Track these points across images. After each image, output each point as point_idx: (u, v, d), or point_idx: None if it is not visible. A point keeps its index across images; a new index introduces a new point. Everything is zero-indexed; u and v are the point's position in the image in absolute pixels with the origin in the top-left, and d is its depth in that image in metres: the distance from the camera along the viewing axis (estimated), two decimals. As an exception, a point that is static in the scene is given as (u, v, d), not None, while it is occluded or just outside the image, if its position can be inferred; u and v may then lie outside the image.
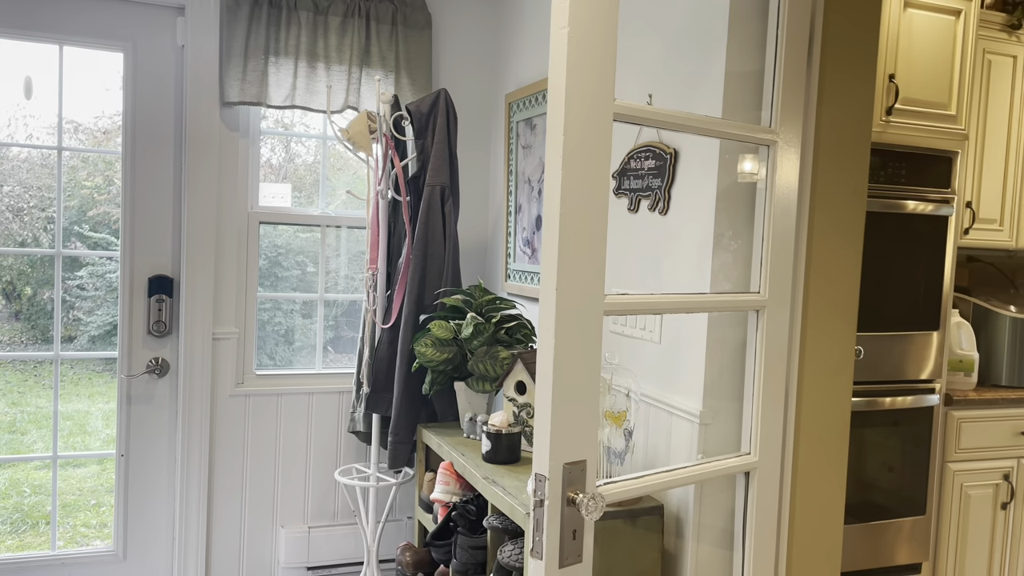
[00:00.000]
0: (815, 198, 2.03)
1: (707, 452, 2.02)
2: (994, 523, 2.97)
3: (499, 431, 2.33)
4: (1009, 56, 3.15)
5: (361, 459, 3.26)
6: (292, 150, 3.36)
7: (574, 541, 1.56)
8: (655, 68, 2.28)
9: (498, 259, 3.39)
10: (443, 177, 2.86)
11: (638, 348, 2.31)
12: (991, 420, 2.95)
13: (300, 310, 3.34)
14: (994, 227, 3.22)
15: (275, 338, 3.30)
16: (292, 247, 3.31)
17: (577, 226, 1.51)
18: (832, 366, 2.10)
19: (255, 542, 3.17)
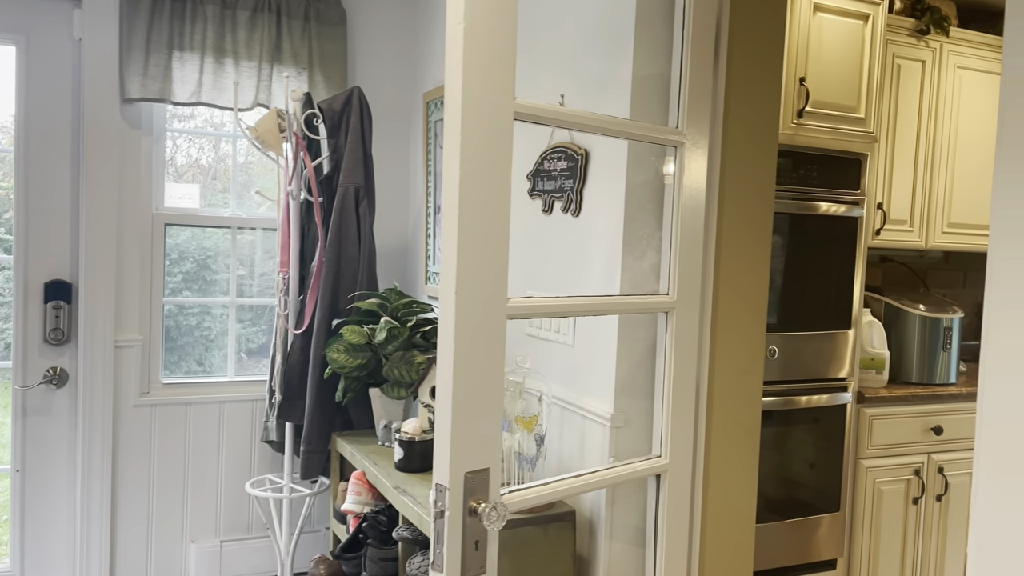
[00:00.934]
0: (723, 199, 2.03)
1: (619, 455, 2.00)
2: (906, 518, 3.04)
3: (412, 438, 2.27)
4: (918, 61, 3.23)
5: (276, 469, 3.16)
6: (201, 149, 3.23)
7: (477, 552, 1.51)
8: (569, 68, 2.26)
9: (418, 261, 3.32)
10: (357, 177, 2.79)
11: (552, 351, 2.28)
12: (902, 417, 3.02)
13: (219, 315, 3.21)
14: (904, 228, 3.30)
15: (188, 345, 3.17)
16: (221, 250, 3.18)
17: (477, 228, 1.46)
18: (743, 366, 2.10)
19: (163, 558, 3.03)
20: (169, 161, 3.09)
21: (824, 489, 2.89)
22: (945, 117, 3.29)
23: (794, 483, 2.85)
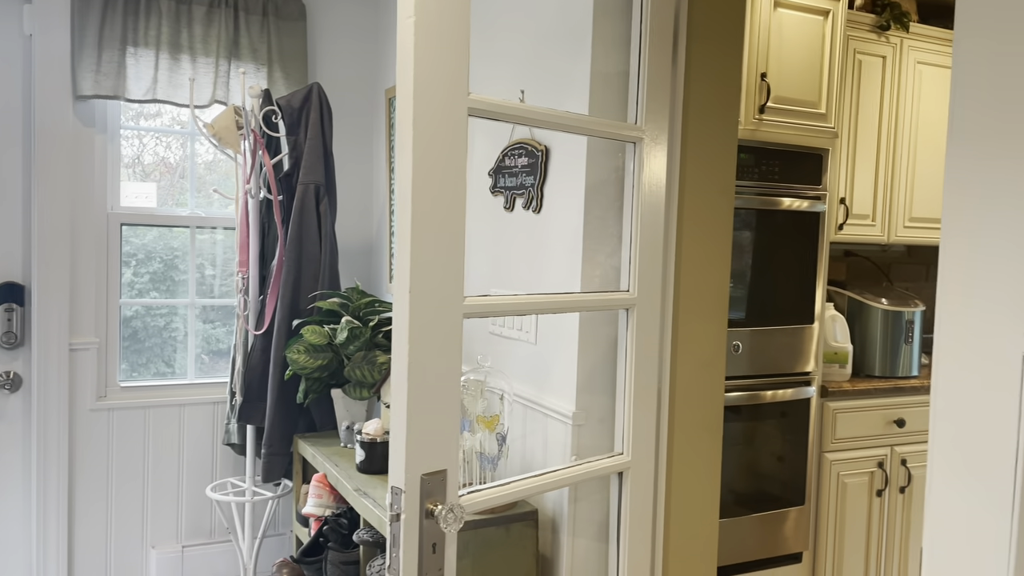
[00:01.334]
0: (683, 195, 2.02)
1: (581, 453, 1.99)
2: (870, 510, 3.07)
3: (374, 440, 2.24)
4: (879, 56, 3.26)
5: (238, 472, 3.11)
6: (159, 147, 3.16)
7: (434, 555, 1.49)
8: (530, 64, 2.24)
9: (382, 260, 3.29)
10: (317, 175, 2.75)
11: (515, 349, 2.26)
12: (865, 410, 3.04)
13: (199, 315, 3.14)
14: (867, 222, 3.32)
15: (157, 347, 3.10)
16: (189, 250, 3.11)
17: (432, 226, 1.44)
18: (704, 361, 2.10)
19: (123, 565, 2.97)
20: (135, 160, 3.02)
21: (789, 483, 2.91)
22: (906, 112, 3.32)
23: (760, 477, 2.86)
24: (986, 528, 1.19)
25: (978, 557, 1.20)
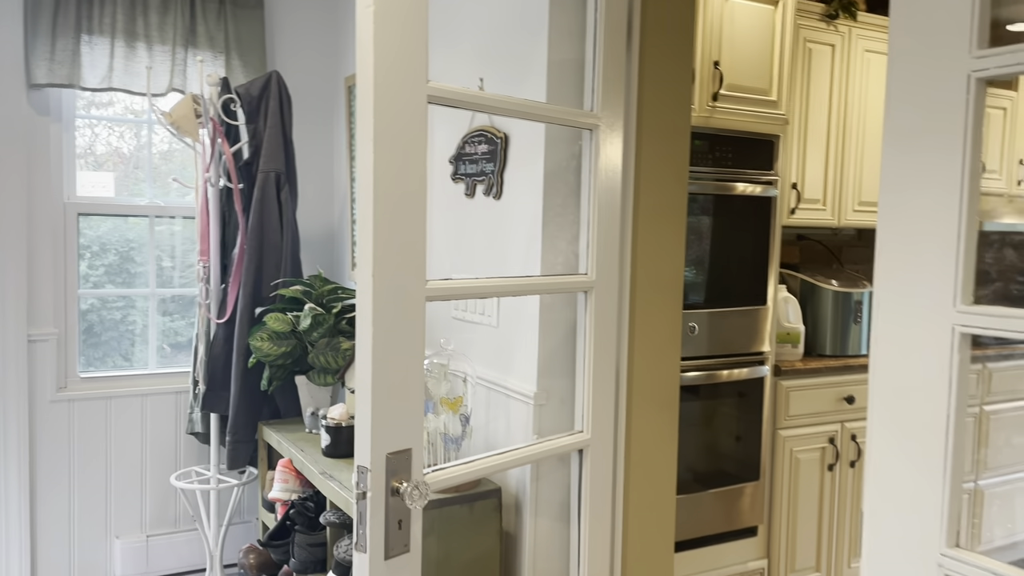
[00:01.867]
0: (639, 180, 2.08)
1: (542, 432, 2.05)
2: (822, 484, 3.18)
3: (339, 424, 2.27)
4: (828, 45, 3.35)
5: (203, 461, 3.11)
6: (119, 136, 3.13)
7: (400, 531, 1.53)
8: (489, 52, 2.27)
9: (344, 248, 3.30)
10: (278, 163, 2.75)
11: (477, 333, 2.30)
12: (817, 388, 3.15)
13: (157, 307, 3.12)
14: (818, 207, 3.43)
15: (114, 340, 3.08)
16: (145, 241, 3.08)
17: (393, 211, 1.47)
18: (660, 342, 2.17)
19: (87, 556, 2.96)
20: (88, 150, 2.99)
21: (745, 459, 3.00)
22: (855, 99, 3.42)
23: (716, 454, 2.95)
24: (920, 489, 1.27)
25: (913, 517, 1.28)
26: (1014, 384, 3.69)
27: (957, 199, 1.22)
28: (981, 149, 1.23)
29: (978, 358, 3.59)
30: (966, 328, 1.21)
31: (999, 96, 4.06)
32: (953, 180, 1.22)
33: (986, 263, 4.25)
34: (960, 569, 1.23)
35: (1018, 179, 4.21)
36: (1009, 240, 4.45)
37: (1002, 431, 3.69)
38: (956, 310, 1.22)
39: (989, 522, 3.86)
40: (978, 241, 1.22)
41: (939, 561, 1.25)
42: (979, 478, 3.66)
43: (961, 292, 1.22)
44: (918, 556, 1.28)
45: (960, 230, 1.22)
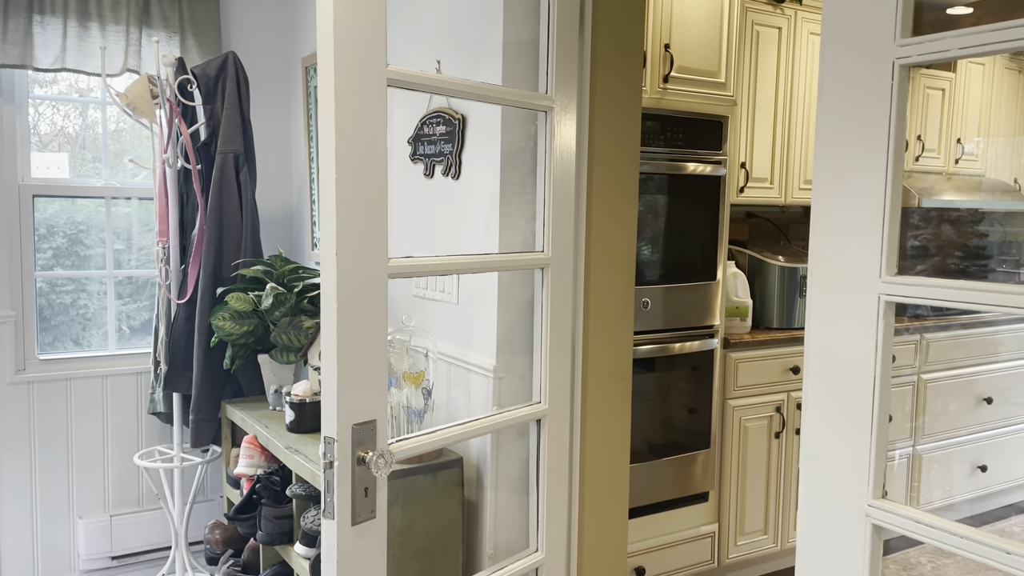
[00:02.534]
0: (592, 160, 2.16)
1: (502, 403, 2.12)
2: (769, 451, 3.32)
3: (303, 400, 2.32)
4: (775, 28, 3.46)
5: (165, 441, 3.13)
6: (67, 117, 3.10)
7: (367, 498, 1.59)
8: (446, 34, 2.32)
9: (304, 228, 3.33)
10: (236, 144, 2.77)
11: (438, 310, 2.37)
12: (764, 359, 3.28)
13: (103, 290, 3.11)
14: (766, 185, 3.55)
15: (64, 324, 3.06)
16: (94, 223, 3.06)
17: (355, 192, 1.52)
18: (614, 316, 2.26)
19: (50, 537, 2.97)
20: (33, 130, 2.96)
21: (696, 428, 3.13)
22: (800, 80, 3.54)
23: (669, 424, 3.07)
24: (850, 446, 1.38)
25: (843, 472, 1.39)
26: (950, 353, 3.88)
27: (883, 178, 1.32)
28: (905, 132, 1.32)
29: (916, 329, 3.77)
30: (891, 297, 1.32)
31: (938, 78, 4.22)
32: (879, 161, 1.32)
33: (925, 238, 4.44)
34: (884, 518, 1.34)
35: (956, 157, 4.40)
36: (947, 216, 4.65)
37: (939, 399, 3.88)
38: (882, 280, 1.32)
39: (928, 485, 4.06)
40: (919, 217, 1.32)
41: (866, 512, 1.36)
42: (917, 443, 3.86)
43: (886, 264, 1.32)
44: (848, 507, 1.39)
45: (885, 207, 1.32)
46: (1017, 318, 4.12)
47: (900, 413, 3.78)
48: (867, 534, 1.37)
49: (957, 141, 4.38)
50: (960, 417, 3.96)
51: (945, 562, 3.60)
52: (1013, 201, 4.55)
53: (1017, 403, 4.16)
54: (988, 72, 4.43)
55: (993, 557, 1.19)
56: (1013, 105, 4.62)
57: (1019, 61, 4.65)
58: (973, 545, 1.22)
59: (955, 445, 3.97)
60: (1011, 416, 4.15)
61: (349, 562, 1.56)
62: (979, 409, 4.01)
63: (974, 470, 4.05)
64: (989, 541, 1.20)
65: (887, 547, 3.80)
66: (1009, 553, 1.18)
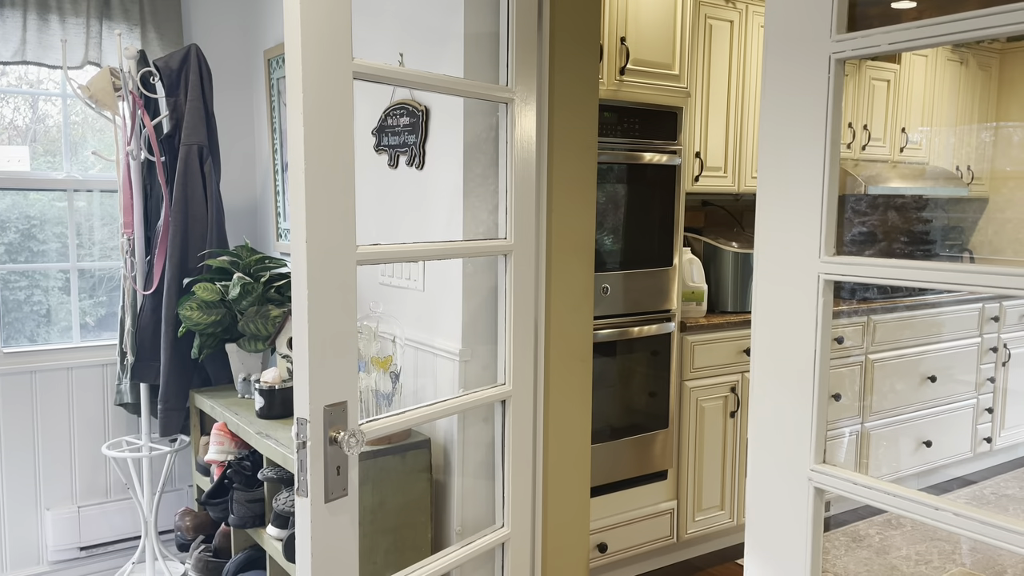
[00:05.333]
0: (552, 150, 2.24)
1: (468, 386, 2.20)
2: (725, 430, 3.45)
3: (272, 387, 2.37)
4: (727, 21, 3.57)
5: (132, 432, 3.15)
6: (21, 110, 3.08)
7: (339, 477, 1.66)
8: (409, 26, 2.37)
9: (268, 219, 3.36)
10: (200, 136, 2.79)
11: (404, 297, 2.43)
12: (719, 342, 3.40)
13: (58, 286, 3.09)
14: (720, 174, 3.67)
15: (33, 318, 3.05)
16: (49, 217, 3.04)
17: (323, 182, 1.58)
18: (575, 300, 2.35)
19: (17, 529, 2.98)
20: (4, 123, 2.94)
21: (655, 409, 3.24)
22: (752, 72, 3.66)
23: (629, 405, 3.18)
24: (793, 415, 1.48)
25: (787, 439, 1.49)
26: (896, 334, 4.05)
27: (821, 165, 1.42)
28: (841, 121, 1.43)
29: (864, 311, 3.93)
30: (829, 275, 1.42)
31: (883, 69, 4.38)
32: (817, 149, 1.42)
33: (872, 224, 4.61)
34: (826, 481, 1.45)
35: (901, 146, 4.57)
36: (893, 203, 4.83)
37: (886, 378, 4.06)
38: (821, 260, 1.42)
39: (876, 461, 4.24)
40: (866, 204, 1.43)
41: (809, 476, 1.47)
42: (866, 421, 4.02)
43: (825, 245, 1.42)
44: (792, 472, 1.49)
45: (824, 192, 1.42)
46: (957, 299, 4.31)
47: (849, 392, 3.94)
48: (810, 496, 1.47)
49: (902, 130, 4.55)
50: (906, 395, 4.14)
51: (892, 533, 3.78)
52: (956, 188, 4.74)
53: (960, 380, 4.36)
54: (931, 64, 4.61)
55: (922, 513, 1.31)
56: (955, 95, 4.82)
57: (960, 53, 4.84)
58: (903, 502, 1.33)
59: (901, 422, 4.15)
60: (954, 394, 4.35)
61: (323, 538, 1.63)
62: (924, 387, 4.20)
63: (919, 446, 4.23)
64: (918, 498, 1.31)
65: (836, 520, 3.97)
66: (937, 509, 1.29)
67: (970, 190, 5.03)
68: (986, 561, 3.47)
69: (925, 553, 3.55)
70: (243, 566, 2.37)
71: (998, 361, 4.52)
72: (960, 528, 1.24)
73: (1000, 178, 5.10)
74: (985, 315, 4.41)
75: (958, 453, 4.42)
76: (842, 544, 3.66)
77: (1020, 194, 5.10)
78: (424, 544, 2.13)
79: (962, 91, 4.85)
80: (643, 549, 3.25)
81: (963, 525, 1.24)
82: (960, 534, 1.25)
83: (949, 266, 1.24)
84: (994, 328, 4.47)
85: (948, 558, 3.50)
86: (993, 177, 5.13)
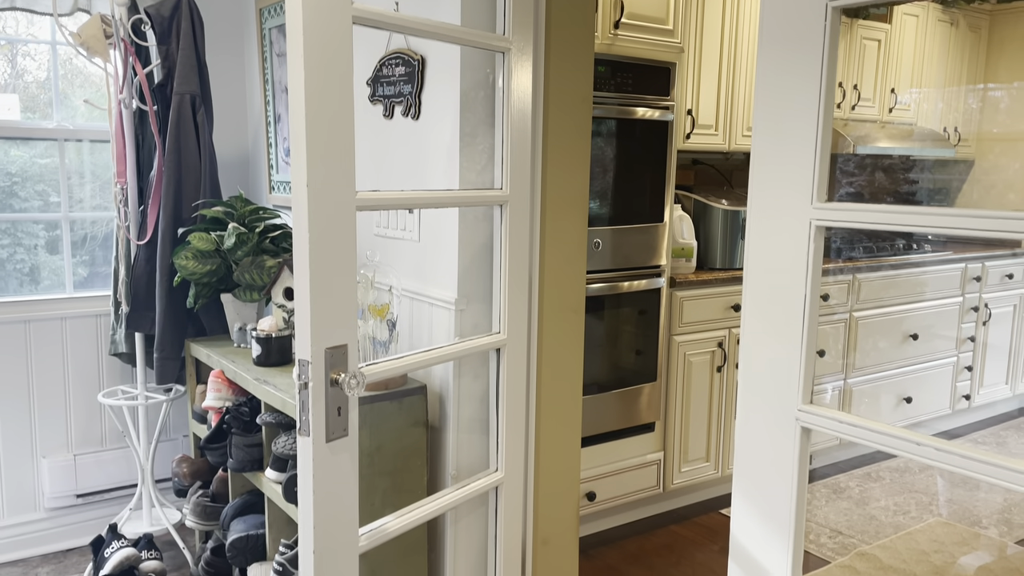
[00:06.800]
0: (548, 101, 2.25)
1: (463, 335, 2.24)
2: (711, 384, 3.52)
3: (269, 335, 2.40)
4: (721, -24, 3.55)
5: (127, 381, 3.17)
6: (20, 58, 3.05)
7: (339, 417, 1.70)
8: (401, -25, 2.35)
9: (261, 171, 3.35)
10: (192, 84, 2.78)
11: (400, 248, 2.45)
12: (707, 298, 3.46)
13: (42, 244, 3.07)
14: (711, 132, 3.69)
15: (18, 276, 3.04)
16: (31, 174, 3.02)
17: (324, 126, 1.59)
18: (568, 251, 2.38)
19: (14, 477, 3.01)
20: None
21: (643, 363, 3.30)
22: (744, 29, 3.66)
23: (618, 359, 3.23)
24: (783, 358, 1.53)
25: (777, 380, 1.54)
26: (880, 293, 4.12)
27: (815, 113, 1.45)
28: (836, 70, 1.45)
29: (850, 270, 3.99)
30: (820, 221, 1.46)
31: (875, 29, 4.39)
32: (812, 97, 1.45)
33: (860, 185, 4.66)
34: (812, 419, 1.50)
35: (890, 107, 4.60)
36: (881, 164, 4.87)
37: (870, 336, 4.13)
38: (813, 207, 1.46)
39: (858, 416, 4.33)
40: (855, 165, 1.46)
41: (796, 416, 1.52)
42: (849, 377, 4.11)
43: (817, 192, 1.46)
44: (780, 412, 1.54)
45: (818, 139, 1.45)
46: (941, 259, 4.38)
47: (833, 350, 4.02)
48: (797, 435, 1.53)
49: (891, 91, 4.58)
50: (888, 353, 4.22)
51: (872, 485, 3.88)
52: (942, 149, 4.79)
53: (942, 337, 4.45)
54: (922, 24, 4.62)
55: (904, 448, 1.36)
56: (944, 56, 4.84)
57: (951, 14, 4.85)
58: (885, 438, 1.38)
59: (883, 379, 4.24)
60: (935, 352, 4.44)
61: (324, 476, 1.67)
62: (906, 345, 4.28)
63: (900, 402, 4.33)
64: (900, 434, 1.37)
65: (818, 473, 4.08)
66: (919, 444, 1.34)
67: (957, 152, 5.08)
68: (962, 512, 3.58)
69: (903, 504, 3.66)
70: (240, 510, 2.42)
71: (979, 320, 4.61)
72: (940, 462, 1.30)
73: (986, 140, 5.15)
74: (968, 275, 4.49)
75: (937, 409, 4.53)
76: (823, 496, 3.77)
77: (1006, 158, 5.16)
78: (420, 487, 2.19)
79: (952, 52, 4.87)
80: (630, 498, 3.34)
81: (943, 459, 1.30)
82: (940, 467, 1.30)
83: (935, 210, 1.28)
84: (976, 288, 4.55)
85: (925, 509, 3.61)
86: (980, 139, 5.18)
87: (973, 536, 3.33)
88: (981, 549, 3.21)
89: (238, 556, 2.27)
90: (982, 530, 3.39)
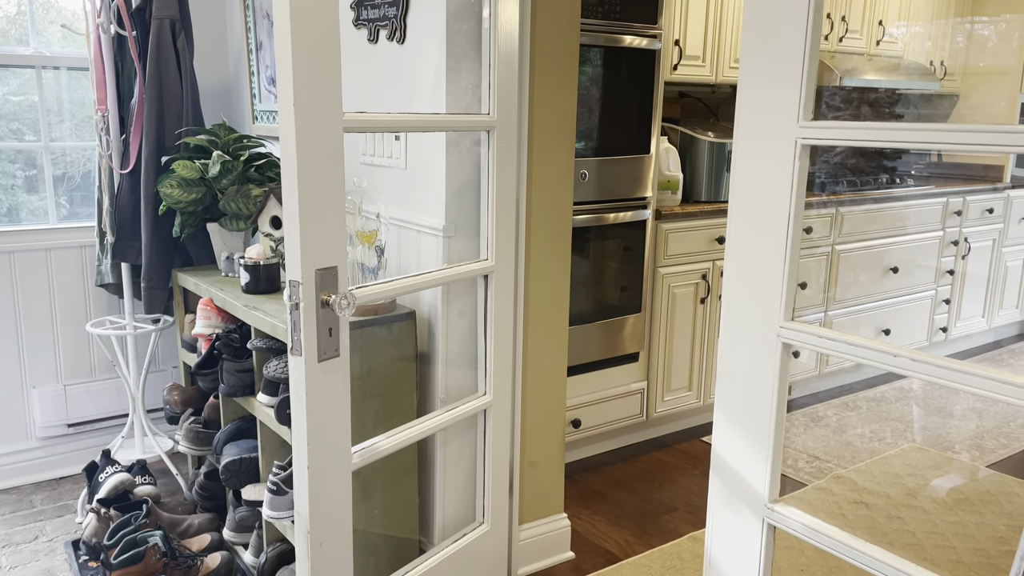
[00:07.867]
0: (535, 25, 2.23)
1: (451, 261, 2.25)
2: (695, 316, 3.57)
3: (257, 263, 2.40)
4: (711, -99, 3.48)
5: (114, 312, 3.18)
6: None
7: (331, 338, 1.72)
8: None
9: (243, 101, 3.31)
10: (171, 8, 2.72)
11: (386, 176, 2.45)
12: (692, 230, 3.48)
13: (24, 184, 3.02)
14: (698, 63, 3.66)
15: None
16: (3, 112, 2.95)
17: (309, 45, 1.58)
18: (555, 179, 2.39)
19: (4, 407, 3.04)
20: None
21: (628, 294, 3.34)
22: (733, -42, 3.60)
23: (603, 289, 3.27)
24: (766, 276, 1.56)
25: (759, 298, 1.58)
26: (862, 226, 4.16)
27: (803, 32, 1.45)
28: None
29: (832, 203, 4.02)
30: (806, 140, 1.47)
31: (864, -41, 4.33)
32: (800, 16, 1.44)
33: (846, 119, 4.65)
34: (793, 336, 1.54)
35: (877, 39, 4.57)
36: (867, 98, 4.86)
37: (851, 270, 4.19)
38: (799, 126, 1.47)
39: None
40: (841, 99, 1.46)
41: (778, 332, 1.56)
42: (829, 310, 4.18)
43: (803, 111, 1.47)
44: (763, 328, 1.58)
45: (805, 57, 1.45)
46: (922, 192, 4.42)
47: (815, 283, 4.07)
48: (778, 351, 1.57)
49: (879, 23, 4.54)
50: (868, 286, 4.29)
51: (849, 414, 3.99)
52: (928, 83, 4.78)
53: (922, 270, 4.52)
54: (912, -46, 4.56)
55: (881, 360, 1.40)
56: (933, -11, 4.79)
57: (942, -55, 4.79)
58: (863, 351, 1.42)
59: (863, 311, 4.31)
60: (914, 285, 4.51)
61: (317, 396, 1.71)
62: (886, 278, 4.35)
63: (879, 334, 4.42)
64: (877, 346, 1.41)
65: (796, 403, 4.18)
66: (895, 355, 1.39)
67: (942, 86, 5.08)
68: (935, 438, 3.69)
69: (879, 431, 3.77)
70: (232, 435, 2.46)
71: (958, 254, 4.68)
72: (915, 372, 1.35)
73: (972, 74, 5.15)
74: (949, 209, 4.54)
75: (915, 342, 4.63)
76: (801, 424, 3.87)
77: (990, 93, 5.16)
78: (410, 410, 2.23)
79: (941, -15, 4.83)
80: (614, 426, 3.41)
81: (918, 369, 1.34)
82: (914, 377, 1.35)
83: (918, 126, 1.30)
84: (956, 222, 4.61)
85: (900, 435, 3.72)
86: (965, 73, 5.17)
87: (946, 460, 3.45)
88: (953, 472, 3.33)
89: (232, 478, 2.32)
90: (955, 455, 3.51)
